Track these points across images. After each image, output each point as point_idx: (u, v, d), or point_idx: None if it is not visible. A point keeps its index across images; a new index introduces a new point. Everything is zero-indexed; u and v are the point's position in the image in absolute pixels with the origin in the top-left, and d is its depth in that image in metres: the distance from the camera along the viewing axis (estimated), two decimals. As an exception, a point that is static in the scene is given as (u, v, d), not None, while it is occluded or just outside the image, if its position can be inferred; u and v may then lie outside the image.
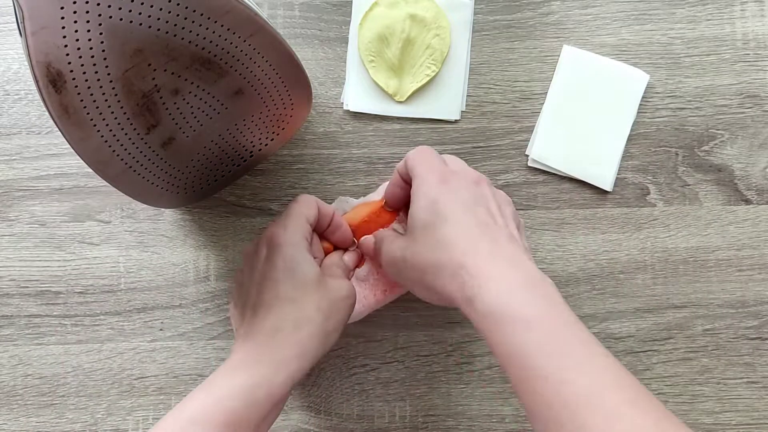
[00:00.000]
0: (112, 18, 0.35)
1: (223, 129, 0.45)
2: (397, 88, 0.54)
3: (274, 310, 0.44)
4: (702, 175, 0.53)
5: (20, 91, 0.55)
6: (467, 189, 0.43)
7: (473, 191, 0.43)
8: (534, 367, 0.36)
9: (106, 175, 0.42)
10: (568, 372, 0.35)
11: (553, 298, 0.38)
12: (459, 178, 0.43)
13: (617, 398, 0.34)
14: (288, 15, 0.55)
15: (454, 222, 0.41)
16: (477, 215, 0.41)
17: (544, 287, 0.38)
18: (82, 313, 0.54)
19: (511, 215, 0.44)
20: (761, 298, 0.52)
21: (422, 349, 0.53)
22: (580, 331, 0.37)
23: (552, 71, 0.54)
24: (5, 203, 0.54)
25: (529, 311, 0.37)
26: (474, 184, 0.43)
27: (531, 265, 0.40)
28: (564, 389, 0.34)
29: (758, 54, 0.53)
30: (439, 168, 0.44)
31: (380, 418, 0.53)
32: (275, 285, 0.44)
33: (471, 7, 0.54)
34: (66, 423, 0.53)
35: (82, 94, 0.37)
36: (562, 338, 0.36)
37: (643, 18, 0.54)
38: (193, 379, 0.53)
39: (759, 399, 0.52)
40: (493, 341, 0.37)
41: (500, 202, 0.44)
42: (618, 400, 0.34)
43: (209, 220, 0.54)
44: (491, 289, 0.38)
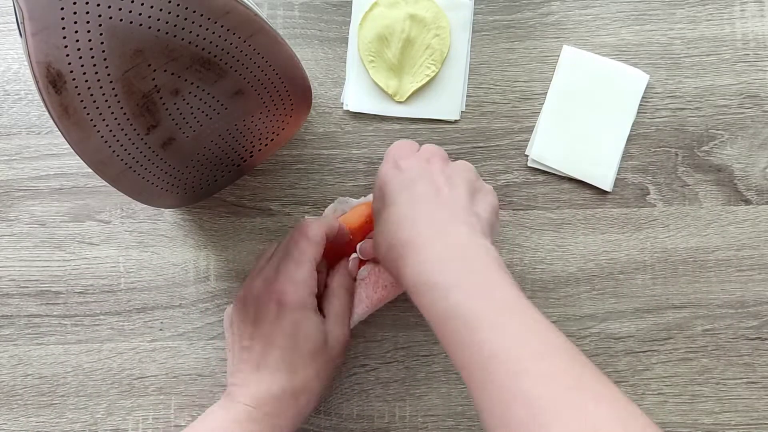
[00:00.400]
0: (112, 18, 0.35)
1: (223, 129, 0.45)
2: (397, 88, 0.54)
3: (277, 375, 0.45)
4: (702, 175, 0.53)
5: (20, 91, 0.55)
6: (414, 168, 0.44)
7: (419, 168, 0.44)
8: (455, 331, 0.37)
9: (106, 175, 0.42)
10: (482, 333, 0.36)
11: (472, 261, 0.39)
12: (409, 160, 0.45)
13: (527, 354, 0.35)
14: (288, 15, 0.55)
15: (393, 203, 0.43)
16: (415, 191, 0.43)
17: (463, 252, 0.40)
18: (82, 313, 0.54)
19: (462, 183, 0.44)
20: (761, 298, 0.52)
21: (422, 349, 0.53)
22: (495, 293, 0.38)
23: (552, 71, 0.54)
24: (5, 203, 0.54)
25: (443, 279, 0.38)
26: (424, 162, 0.45)
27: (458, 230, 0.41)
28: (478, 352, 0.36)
29: (758, 54, 0.53)
30: (395, 154, 0.46)
31: (380, 418, 0.53)
32: (280, 351, 0.45)
33: (471, 7, 0.54)
34: (66, 423, 0.53)
35: (82, 94, 0.37)
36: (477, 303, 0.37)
37: (643, 18, 0.54)
38: (192, 378, 0.53)
39: (759, 399, 0.52)
40: (422, 309, 0.40)
41: (451, 173, 0.44)
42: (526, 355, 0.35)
43: (209, 220, 0.54)
44: (413, 261, 0.40)
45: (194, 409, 0.53)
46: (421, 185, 0.43)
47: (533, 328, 0.37)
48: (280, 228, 0.54)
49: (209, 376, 0.53)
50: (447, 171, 0.44)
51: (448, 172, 0.44)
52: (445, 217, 0.42)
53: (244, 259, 0.54)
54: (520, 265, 0.53)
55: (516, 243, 0.53)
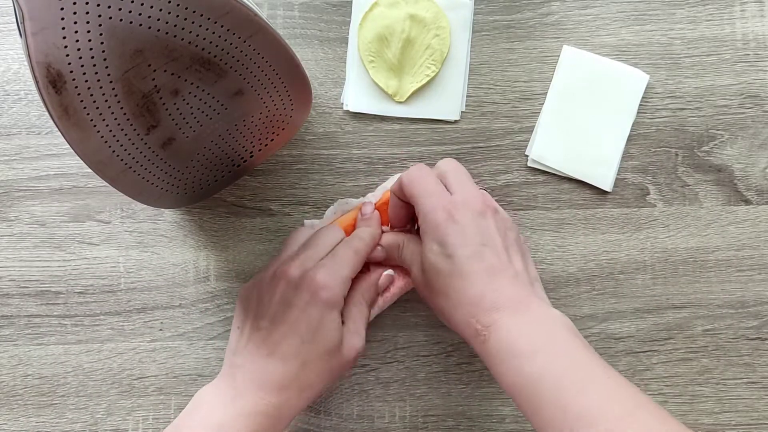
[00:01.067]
0: (112, 18, 0.35)
1: (223, 129, 0.45)
2: (397, 88, 0.54)
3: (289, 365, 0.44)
4: (702, 175, 0.53)
5: (20, 91, 0.55)
6: (473, 224, 0.44)
7: (479, 226, 0.44)
8: (539, 395, 0.38)
9: (106, 176, 0.42)
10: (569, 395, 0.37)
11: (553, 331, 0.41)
12: (464, 212, 0.44)
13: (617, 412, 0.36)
14: (288, 15, 0.55)
15: (463, 272, 0.43)
16: (484, 259, 0.43)
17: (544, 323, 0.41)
18: (82, 313, 0.54)
19: (514, 244, 0.46)
20: (761, 298, 0.52)
21: (422, 349, 0.53)
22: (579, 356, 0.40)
23: (552, 71, 0.54)
24: (5, 203, 0.54)
25: (531, 347, 0.40)
26: (480, 217, 0.45)
27: (534, 301, 0.43)
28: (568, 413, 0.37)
29: (758, 54, 0.53)
30: (441, 201, 0.45)
31: (380, 418, 0.53)
32: (299, 342, 0.45)
33: (471, 7, 0.54)
34: (66, 423, 0.53)
35: (82, 94, 0.37)
36: (561, 365, 0.39)
37: (643, 18, 0.54)
38: (192, 379, 0.53)
39: (759, 399, 0.52)
40: (503, 377, 0.41)
41: (504, 231, 0.45)
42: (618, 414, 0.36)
43: (209, 220, 0.54)
44: (499, 333, 0.41)
45: (194, 409, 0.53)
46: (489, 253, 0.43)
47: (618, 389, 0.38)
48: (280, 228, 0.54)
49: (209, 376, 0.53)
50: (501, 230, 0.45)
51: (502, 229, 0.45)
52: (518, 290, 0.43)
53: (244, 259, 0.54)
54: (520, 265, 0.53)
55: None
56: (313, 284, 0.45)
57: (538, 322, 0.41)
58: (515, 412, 0.52)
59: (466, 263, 0.43)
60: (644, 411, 0.36)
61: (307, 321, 0.45)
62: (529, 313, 0.42)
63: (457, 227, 0.44)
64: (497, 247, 0.44)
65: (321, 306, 0.45)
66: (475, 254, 0.43)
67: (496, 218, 0.45)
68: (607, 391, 0.37)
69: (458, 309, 0.43)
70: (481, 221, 0.44)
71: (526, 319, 0.41)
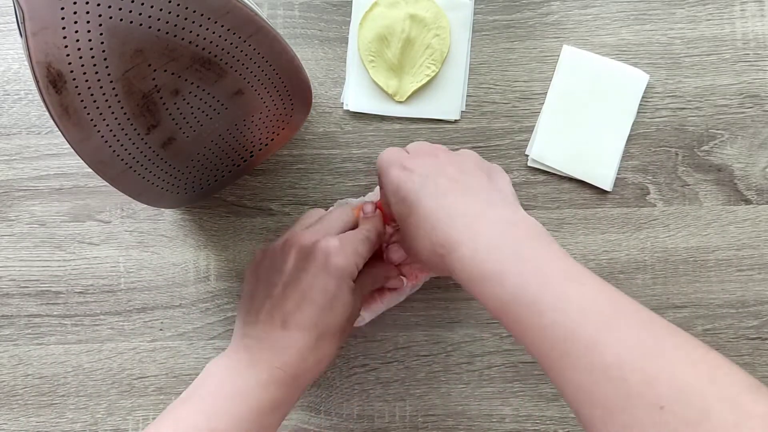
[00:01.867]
0: (112, 18, 0.35)
1: (223, 129, 0.45)
2: (397, 88, 0.54)
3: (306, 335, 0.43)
4: (702, 175, 0.53)
5: (20, 91, 0.55)
6: (423, 165, 0.43)
7: (429, 164, 0.43)
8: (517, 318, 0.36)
9: (106, 175, 0.42)
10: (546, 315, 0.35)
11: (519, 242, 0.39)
12: (415, 158, 0.44)
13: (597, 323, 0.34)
14: (288, 15, 0.55)
15: (418, 204, 0.42)
16: (433, 185, 0.42)
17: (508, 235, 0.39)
18: (82, 313, 0.54)
19: (474, 168, 0.44)
20: (761, 298, 0.52)
21: (422, 349, 0.53)
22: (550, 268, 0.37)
23: (552, 71, 0.54)
24: (5, 203, 0.54)
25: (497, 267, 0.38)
26: (430, 157, 0.44)
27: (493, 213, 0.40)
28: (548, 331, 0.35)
29: (758, 54, 0.53)
30: (398, 157, 0.45)
31: (380, 418, 0.53)
32: (315, 309, 0.43)
33: (471, 7, 0.54)
34: (66, 423, 0.53)
35: (82, 94, 0.37)
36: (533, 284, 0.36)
37: (643, 18, 0.54)
38: (192, 378, 0.53)
39: (759, 399, 0.52)
40: (481, 301, 0.39)
41: (460, 161, 0.44)
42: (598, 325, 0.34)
43: (209, 220, 0.54)
44: (460, 255, 0.39)
45: (194, 409, 0.53)
46: (439, 180, 0.42)
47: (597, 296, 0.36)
48: (280, 228, 0.54)
49: (209, 376, 0.53)
50: (455, 160, 0.44)
51: (457, 160, 0.44)
52: (476, 203, 0.41)
53: (244, 259, 0.54)
54: (520, 265, 0.53)
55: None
56: (326, 249, 0.43)
57: (500, 236, 0.39)
58: (515, 412, 0.52)
59: (416, 194, 0.42)
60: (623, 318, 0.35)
61: (322, 288, 0.43)
62: (489, 228, 0.39)
63: (408, 172, 0.43)
64: (449, 173, 0.43)
65: (335, 273, 0.43)
66: (423, 184, 0.42)
67: (449, 154, 0.45)
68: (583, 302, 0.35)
69: (421, 242, 0.41)
70: (430, 159, 0.44)
71: (487, 235, 0.39)
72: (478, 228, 0.39)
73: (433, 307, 0.53)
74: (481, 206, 0.41)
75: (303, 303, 0.43)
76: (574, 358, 0.34)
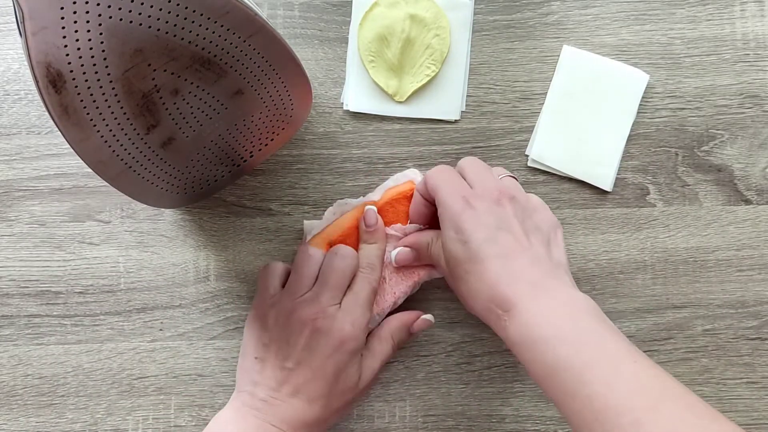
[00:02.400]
0: (112, 18, 0.35)
1: (223, 129, 0.45)
2: (397, 88, 0.54)
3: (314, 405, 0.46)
4: (702, 175, 0.53)
5: (20, 91, 0.55)
6: (489, 212, 0.44)
7: (495, 213, 0.44)
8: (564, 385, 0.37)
9: (106, 175, 0.42)
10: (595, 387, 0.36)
11: (576, 315, 0.40)
12: (480, 200, 0.45)
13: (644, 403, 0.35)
14: (288, 15, 0.55)
15: (479, 257, 0.43)
16: (500, 243, 0.43)
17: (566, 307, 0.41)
18: (82, 313, 0.54)
19: (535, 227, 0.45)
20: (761, 298, 0.52)
21: (422, 349, 0.53)
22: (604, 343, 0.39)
23: (552, 71, 0.54)
24: (5, 203, 0.54)
25: (553, 334, 0.39)
26: (495, 204, 0.45)
27: (554, 284, 0.42)
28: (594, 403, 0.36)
29: (758, 54, 0.53)
30: (460, 191, 0.45)
31: (380, 418, 0.53)
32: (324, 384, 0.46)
33: (471, 7, 0.54)
34: (66, 423, 0.53)
35: (82, 94, 0.37)
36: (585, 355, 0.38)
37: (643, 18, 0.54)
38: (192, 379, 0.53)
39: (759, 399, 0.52)
40: (527, 364, 0.40)
41: (525, 216, 0.45)
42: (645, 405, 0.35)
43: (209, 220, 0.54)
44: (518, 320, 0.41)
45: (194, 409, 0.53)
46: (505, 237, 0.43)
47: (644, 378, 0.37)
48: (280, 228, 0.54)
49: (209, 376, 0.53)
50: (520, 215, 0.45)
51: (521, 216, 0.45)
52: (538, 271, 0.42)
53: (244, 259, 0.54)
54: (520, 265, 0.53)
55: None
56: (341, 335, 0.47)
57: (560, 306, 0.41)
58: (515, 412, 0.52)
59: (481, 247, 0.43)
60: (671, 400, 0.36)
61: (332, 366, 0.46)
62: (550, 297, 0.41)
63: (473, 213, 0.44)
64: (514, 231, 0.44)
65: (347, 354, 0.47)
66: (489, 239, 0.43)
67: (514, 205, 0.45)
68: (633, 380, 0.36)
69: (478, 295, 0.43)
70: (496, 208, 0.44)
71: (547, 303, 0.41)
72: (538, 296, 0.41)
73: (433, 307, 0.53)
74: (543, 275, 0.42)
75: (314, 380, 0.46)
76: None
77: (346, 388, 0.47)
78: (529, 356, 0.40)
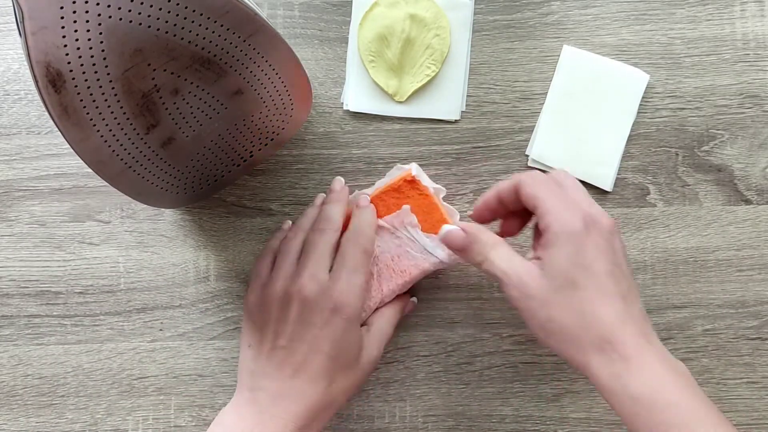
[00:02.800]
0: (112, 18, 0.35)
1: (223, 129, 0.45)
2: (397, 88, 0.54)
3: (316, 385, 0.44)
4: (702, 175, 0.53)
5: (20, 91, 0.55)
6: (607, 242, 0.41)
7: (611, 245, 0.41)
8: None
9: (106, 175, 0.42)
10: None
11: (677, 380, 0.39)
12: (598, 227, 0.41)
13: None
14: (288, 15, 0.55)
15: (600, 288, 0.40)
16: (619, 282, 0.40)
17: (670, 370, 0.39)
18: (82, 313, 0.54)
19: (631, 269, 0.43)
20: (761, 298, 0.52)
21: (422, 349, 0.53)
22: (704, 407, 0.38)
23: (552, 71, 0.54)
24: (5, 203, 0.54)
25: (670, 397, 0.38)
26: (610, 235, 0.41)
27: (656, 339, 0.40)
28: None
29: (758, 54, 0.53)
30: (578, 209, 0.41)
31: (380, 418, 0.53)
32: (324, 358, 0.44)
33: (471, 7, 0.54)
34: (66, 423, 0.53)
35: (81, 94, 0.37)
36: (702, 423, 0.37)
37: (643, 18, 0.54)
38: (193, 379, 0.53)
39: (759, 399, 0.52)
40: (638, 423, 0.38)
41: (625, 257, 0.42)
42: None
43: (209, 220, 0.54)
44: (641, 373, 0.38)
45: (194, 410, 0.53)
46: (620, 274, 0.41)
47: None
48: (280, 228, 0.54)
49: (209, 376, 0.53)
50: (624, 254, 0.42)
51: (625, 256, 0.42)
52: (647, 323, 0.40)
53: (244, 259, 0.54)
54: (520, 265, 0.53)
55: (517, 243, 0.53)
56: (331, 302, 0.45)
57: (671, 370, 0.39)
58: (515, 412, 0.52)
59: (605, 280, 0.40)
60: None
61: (330, 337, 0.44)
62: (661, 356, 0.39)
63: (594, 239, 0.40)
64: (624, 270, 0.41)
65: (343, 321, 0.45)
66: (612, 273, 0.40)
67: (622, 241, 0.43)
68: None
69: (583, 326, 0.39)
70: (613, 241, 0.41)
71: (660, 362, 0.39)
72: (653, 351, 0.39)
73: (433, 308, 0.53)
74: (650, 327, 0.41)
75: (311, 354, 0.44)
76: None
77: (349, 362, 0.45)
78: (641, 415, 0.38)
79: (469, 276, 0.53)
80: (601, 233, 0.41)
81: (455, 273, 0.53)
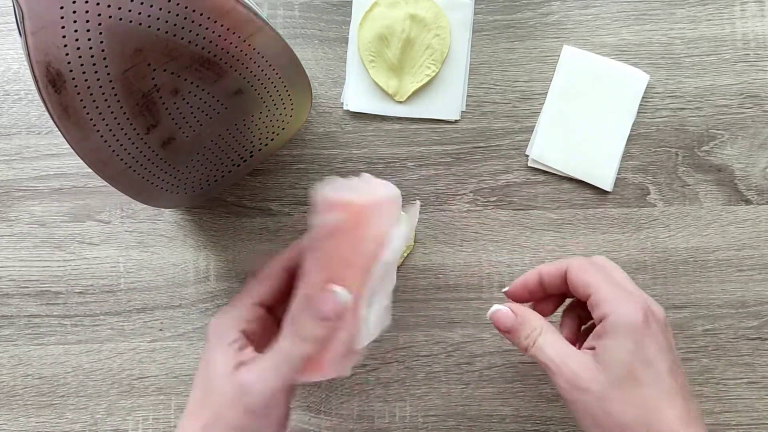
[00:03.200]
0: (112, 18, 0.35)
1: (223, 129, 0.45)
2: (397, 88, 0.54)
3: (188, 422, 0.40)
4: (702, 175, 0.53)
5: (20, 91, 0.55)
6: (665, 337, 0.40)
7: (668, 340, 0.40)
8: None
9: (106, 175, 0.42)
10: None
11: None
12: (656, 320, 0.40)
13: None
14: (288, 15, 0.55)
15: (663, 387, 0.39)
16: (678, 379, 0.39)
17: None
18: (82, 313, 0.54)
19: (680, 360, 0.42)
20: (761, 298, 0.52)
21: (422, 349, 0.53)
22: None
23: (552, 71, 0.54)
24: (5, 203, 0.54)
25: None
26: (665, 329, 0.41)
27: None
28: None
29: (758, 54, 0.53)
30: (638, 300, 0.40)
31: (380, 418, 0.53)
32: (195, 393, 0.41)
33: (471, 7, 0.54)
34: (66, 423, 0.53)
35: (81, 94, 0.37)
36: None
37: (643, 18, 0.54)
38: (192, 379, 0.53)
39: (759, 399, 0.52)
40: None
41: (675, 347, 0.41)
42: None
43: (209, 220, 0.54)
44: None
45: (194, 409, 0.53)
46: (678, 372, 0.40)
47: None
48: (280, 228, 0.54)
49: None
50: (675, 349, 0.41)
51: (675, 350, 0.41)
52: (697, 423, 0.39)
53: (244, 259, 0.54)
54: (521, 265, 0.53)
55: (517, 243, 0.53)
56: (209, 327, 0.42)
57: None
58: (515, 412, 0.52)
59: (667, 378, 0.39)
60: None
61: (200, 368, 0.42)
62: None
63: (653, 334, 0.39)
64: (681, 366, 0.40)
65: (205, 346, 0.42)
66: (672, 371, 0.39)
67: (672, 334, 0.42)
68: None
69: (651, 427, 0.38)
70: (668, 335, 0.41)
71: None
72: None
73: (433, 308, 0.53)
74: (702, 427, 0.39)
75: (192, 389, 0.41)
76: None
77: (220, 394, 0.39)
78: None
79: (470, 276, 0.53)
80: (660, 327, 0.40)
81: (455, 273, 0.53)
